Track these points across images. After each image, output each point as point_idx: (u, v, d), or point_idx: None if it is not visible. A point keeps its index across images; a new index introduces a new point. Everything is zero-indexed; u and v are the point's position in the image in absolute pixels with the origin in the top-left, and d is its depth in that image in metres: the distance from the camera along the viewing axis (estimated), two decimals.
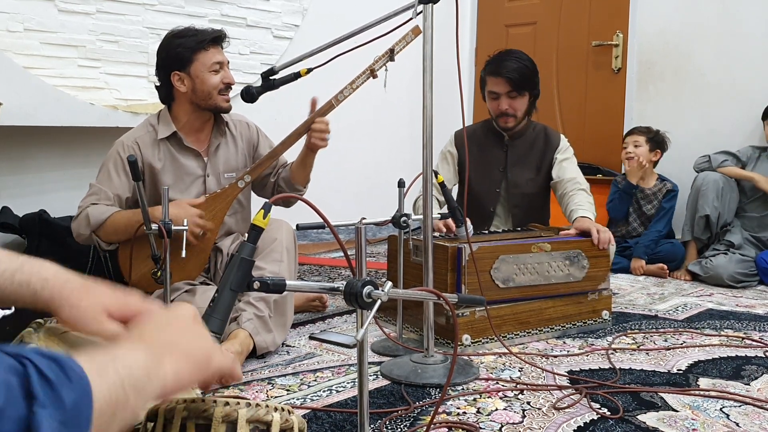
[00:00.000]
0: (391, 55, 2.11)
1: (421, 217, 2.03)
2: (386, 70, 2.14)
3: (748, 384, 1.93)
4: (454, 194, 2.68)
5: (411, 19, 1.96)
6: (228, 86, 2.30)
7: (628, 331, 2.48)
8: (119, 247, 2.24)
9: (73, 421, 0.54)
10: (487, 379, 1.97)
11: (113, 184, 2.22)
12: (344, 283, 1.19)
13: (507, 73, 2.76)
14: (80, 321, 0.82)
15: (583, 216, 2.57)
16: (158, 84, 2.33)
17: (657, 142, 3.70)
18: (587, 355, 2.20)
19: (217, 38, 2.27)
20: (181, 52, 2.23)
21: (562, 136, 2.95)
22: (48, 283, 0.83)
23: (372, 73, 2.16)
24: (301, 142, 2.38)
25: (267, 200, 1.23)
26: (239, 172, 2.37)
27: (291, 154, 2.45)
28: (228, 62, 2.32)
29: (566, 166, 2.85)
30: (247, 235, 1.19)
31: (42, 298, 0.82)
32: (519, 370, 2.05)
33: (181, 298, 2.16)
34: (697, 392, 1.85)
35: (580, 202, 2.67)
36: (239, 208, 2.46)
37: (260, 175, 2.46)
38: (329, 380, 1.96)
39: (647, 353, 2.22)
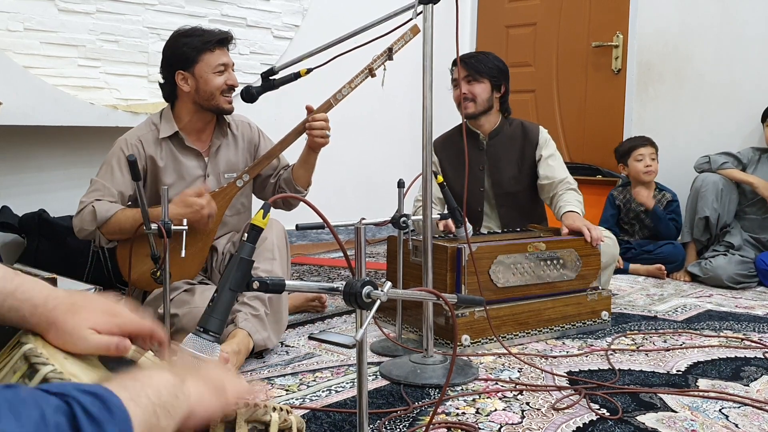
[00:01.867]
0: (389, 54, 2.11)
1: (421, 217, 2.03)
2: (384, 69, 2.14)
3: (748, 385, 1.93)
4: None
5: (411, 19, 1.96)
6: (231, 88, 2.30)
7: (628, 332, 2.48)
8: (118, 246, 2.24)
9: None
10: (486, 380, 1.97)
11: (116, 181, 2.22)
12: (344, 283, 1.19)
13: (464, 58, 2.80)
14: (67, 343, 0.84)
15: (571, 210, 2.58)
16: (162, 82, 2.33)
17: (657, 152, 3.71)
18: (586, 356, 2.20)
19: (223, 40, 2.28)
20: (186, 52, 2.23)
21: (540, 129, 2.92)
22: (37, 310, 0.84)
23: (371, 72, 2.16)
24: (300, 143, 2.38)
25: (268, 200, 1.23)
26: (239, 172, 2.37)
27: (291, 156, 2.44)
28: (233, 64, 2.32)
29: (553, 165, 2.83)
30: (246, 234, 1.19)
31: (29, 323, 0.84)
32: (518, 371, 2.05)
33: (180, 298, 2.16)
34: (696, 393, 1.85)
35: (568, 200, 2.69)
36: (242, 208, 2.46)
37: (261, 176, 2.46)
38: (328, 380, 1.96)
39: (646, 354, 2.22)
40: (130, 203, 2.29)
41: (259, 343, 2.08)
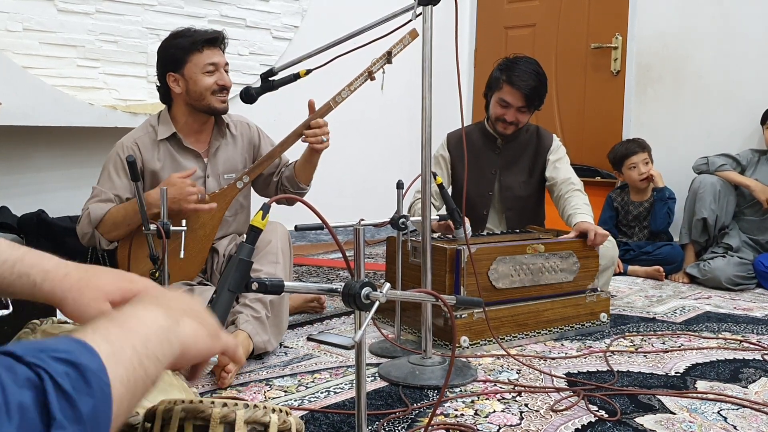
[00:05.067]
0: (388, 57, 2.11)
1: (420, 218, 2.03)
2: (384, 72, 2.14)
3: (746, 387, 1.93)
4: None
5: (410, 20, 1.96)
6: (223, 88, 2.28)
7: (626, 334, 2.48)
8: (118, 247, 2.24)
9: (92, 428, 0.52)
10: (485, 381, 1.97)
11: (113, 184, 2.23)
12: (342, 284, 1.19)
13: (527, 89, 2.74)
14: (85, 315, 0.81)
15: (582, 221, 2.58)
16: (158, 84, 2.33)
17: (650, 153, 3.70)
18: (585, 358, 2.20)
19: (212, 39, 2.26)
20: (174, 53, 2.23)
21: (554, 137, 2.95)
22: (48, 275, 0.81)
23: (370, 75, 2.16)
24: (301, 143, 2.37)
25: (267, 201, 1.23)
26: (239, 173, 2.37)
27: (291, 154, 2.44)
28: (226, 64, 2.31)
29: (559, 167, 2.86)
30: (245, 236, 1.19)
31: (42, 291, 0.81)
32: (517, 372, 2.05)
33: None
34: (694, 395, 1.85)
35: (577, 205, 2.68)
36: (239, 209, 2.46)
37: (263, 175, 2.45)
38: (327, 381, 1.96)
39: (645, 356, 2.22)
40: None
41: (260, 345, 2.08)
